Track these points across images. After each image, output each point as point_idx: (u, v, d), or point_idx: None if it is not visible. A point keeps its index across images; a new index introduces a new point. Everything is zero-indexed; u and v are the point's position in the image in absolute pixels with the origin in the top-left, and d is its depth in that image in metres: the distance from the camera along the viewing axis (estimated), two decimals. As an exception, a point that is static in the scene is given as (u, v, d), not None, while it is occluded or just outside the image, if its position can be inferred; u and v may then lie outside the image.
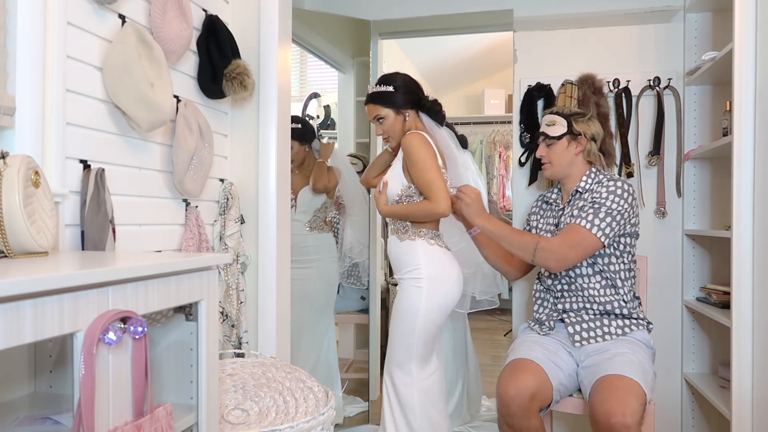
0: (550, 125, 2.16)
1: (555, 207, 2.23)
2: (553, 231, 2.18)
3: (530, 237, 2.08)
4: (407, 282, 2.15)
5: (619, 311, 2.04)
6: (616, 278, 2.07)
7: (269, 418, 1.56)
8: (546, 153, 2.17)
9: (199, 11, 2.00)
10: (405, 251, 2.15)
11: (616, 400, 1.68)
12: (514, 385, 1.82)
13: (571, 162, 2.15)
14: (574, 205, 2.11)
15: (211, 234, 2.09)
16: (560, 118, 2.15)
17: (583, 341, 2.01)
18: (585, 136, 2.13)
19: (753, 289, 2.02)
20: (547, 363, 1.93)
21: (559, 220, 2.17)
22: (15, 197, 1.08)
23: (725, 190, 2.65)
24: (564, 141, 2.13)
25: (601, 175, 2.15)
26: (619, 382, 1.75)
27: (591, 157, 2.15)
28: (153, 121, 1.62)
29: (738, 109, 2.03)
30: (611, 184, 2.05)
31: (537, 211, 2.33)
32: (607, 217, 1.99)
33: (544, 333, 2.10)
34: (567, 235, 2.01)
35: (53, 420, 1.11)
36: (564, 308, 2.11)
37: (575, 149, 2.14)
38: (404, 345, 2.13)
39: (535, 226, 2.29)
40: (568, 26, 2.85)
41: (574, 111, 2.18)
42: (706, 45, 2.69)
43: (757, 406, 2.01)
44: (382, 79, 2.24)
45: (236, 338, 2.08)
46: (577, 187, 2.14)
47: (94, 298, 0.91)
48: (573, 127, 2.13)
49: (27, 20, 1.31)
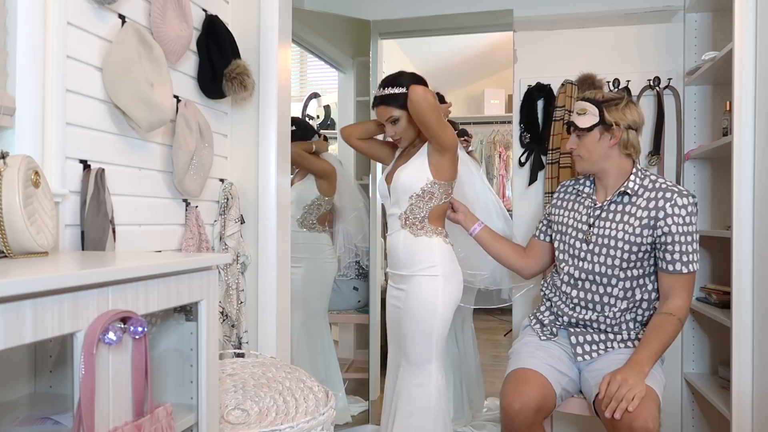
0: (581, 114, 1.92)
1: (588, 204, 1.97)
2: (585, 233, 1.94)
3: (668, 324, 1.81)
4: (421, 279, 2.11)
5: (626, 335, 1.93)
6: (638, 308, 1.92)
7: (269, 418, 1.56)
8: (576, 145, 1.94)
9: (199, 11, 1.99)
10: (420, 247, 2.13)
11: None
12: (519, 400, 1.75)
13: (605, 155, 1.91)
14: (625, 212, 1.88)
15: (211, 234, 2.09)
16: (591, 105, 1.90)
17: (585, 355, 1.92)
18: (620, 126, 1.87)
19: (753, 289, 2.02)
20: (550, 371, 1.86)
21: (595, 222, 1.93)
22: (15, 197, 1.08)
23: (725, 190, 2.65)
24: (596, 132, 1.89)
25: (653, 176, 1.91)
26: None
27: (629, 149, 1.90)
28: (153, 121, 1.62)
29: (738, 109, 2.03)
30: (681, 201, 1.82)
31: (562, 204, 2.06)
32: (695, 243, 1.84)
33: (545, 338, 1.99)
34: (687, 290, 1.84)
35: (53, 420, 1.11)
36: (571, 321, 1.97)
37: (609, 141, 1.89)
38: (424, 344, 2.09)
39: (561, 221, 2.03)
40: (568, 26, 2.85)
41: (607, 97, 1.91)
42: (706, 45, 2.69)
43: (757, 406, 2.01)
44: (391, 81, 2.18)
45: (236, 338, 2.08)
46: (626, 188, 1.89)
47: (94, 298, 0.91)
48: (605, 116, 1.88)
49: (27, 20, 1.31)
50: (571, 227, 1.99)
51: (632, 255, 1.87)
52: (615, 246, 1.88)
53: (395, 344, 2.26)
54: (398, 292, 2.21)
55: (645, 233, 1.85)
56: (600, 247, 1.90)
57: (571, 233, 1.99)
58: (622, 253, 1.87)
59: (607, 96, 1.92)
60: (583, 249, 1.94)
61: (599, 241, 1.90)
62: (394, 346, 2.28)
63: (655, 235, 1.84)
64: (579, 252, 1.95)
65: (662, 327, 1.80)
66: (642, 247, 1.86)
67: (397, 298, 2.21)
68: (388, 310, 2.28)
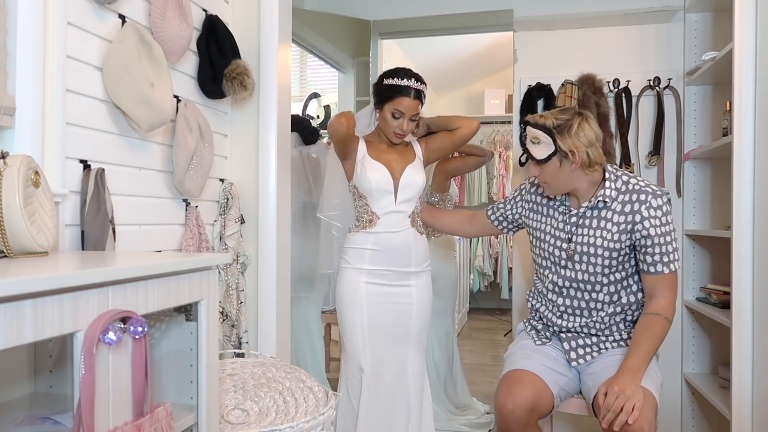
0: (535, 143, 1.81)
1: (563, 210, 1.93)
2: (565, 243, 1.90)
3: (656, 324, 1.79)
4: (426, 274, 2.27)
5: (618, 336, 1.92)
6: (627, 309, 1.91)
7: (269, 418, 1.56)
8: (539, 173, 1.85)
9: (199, 11, 2.00)
10: (425, 245, 2.27)
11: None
12: (512, 400, 1.75)
13: (570, 179, 1.83)
14: (602, 218, 1.85)
15: (211, 234, 2.09)
16: (543, 134, 1.79)
17: (579, 359, 1.92)
18: (577, 153, 1.77)
19: (753, 289, 2.02)
20: (546, 371, 1.85)
21: (573, 230, 1.89)
22: (15, 197, 1.08)
23: (725, 190, 2.65)
24: (555, 161, 1.79)
25: (625, 176, 1.86)
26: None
27: (593, 167, 1.80)
28: (153, 121, 1.62)
29: (738, 109, 2.03)
30: (656, 202, 1.80)
31: (536, 209, 2.01)
32: (674, 242, 1.82)
33: (540, 342, 1.98)
34: (670, 289, 1.83)
35: (53, 420, 1.11)
36: (561, 328, 1.96)
37: (570, 167, 1.79)
38: (427, 332, 2.31)
39: (539, 228, 1.98)
40: (568, 26, 2.85)
41: (556, 122, 1.79)
42: (706, 45, 2.69)
43: (757, 406, 2.01)
44: (417, 77, 2.16)
45: (236, 338, 2.08)
46: (603, 197, 1.84)
47: (94, 298, 0.91)
48: (560, 145, 1.77)
49: (27, 20, 1.31)
50: (550, 234, 1.95)
51: (613, 261, 1.86)
52: (595, 253, 1.86)
53: (397, 342, 2.19)
54: (403, 289, 2.19)
55: (623, 238, 1.83)
56: (581, 255, 1.89)
57: (550, 240, 1.95)
58: (603, 259, 1.86)
59: (557, 120, 1.79)
60: (563, 257, 1.93)
61: (579, 249, 1.88)
62: (394, 344, 2.20)
63: (633, 239, 1.83)
64: (560, 260, 1.93)
65: (650, 328, 1.79)
66: (622, 251, 1.85)
67: (402, 294, 2.19)
68: (386, 308, 2.18)
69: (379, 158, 2.20)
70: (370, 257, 2.16)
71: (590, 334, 1.94)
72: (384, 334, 2.18)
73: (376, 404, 2.16)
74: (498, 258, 5.22)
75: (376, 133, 2.27)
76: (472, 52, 4.34)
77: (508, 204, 2.15)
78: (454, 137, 2.28)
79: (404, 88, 2.13)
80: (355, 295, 2.17)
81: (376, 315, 2.17)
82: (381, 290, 2.18)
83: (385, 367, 2.18)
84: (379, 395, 2.17)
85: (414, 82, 2.14)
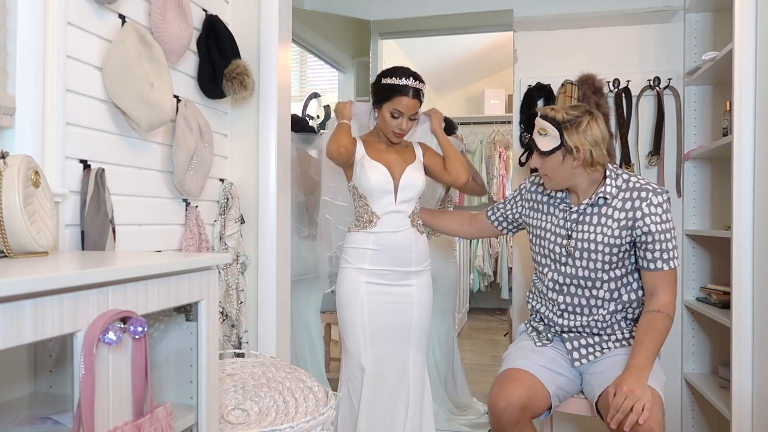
0: (542, 134, 1.85)
1: (563, 207, 1.94)
2: (566, 240, 1.91)
3: (658, 321, 1.79)
4: (426, 273, 2.26)
5: (620, 335, 1.92)
6: (627, 308, 1.91)
7: (269, 418, 1.56)
8: (540, 165, 1.88)
9: (199, 11, 2.00)
10: (426, 244, 2.27)
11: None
12: (504, 398, 1.77)
13: (571, 175, 1.84)
14: (602, 215, 1.86)
15: (211, 234, 2.09)
16: (551, 127, 1.82)
17: (582, 359, 1.91)
18: (581, 150, 1.79)
19: (753, 289, 2.02)
20: (542, 370, 1.85)
21: (573, 227, 1.90)
22: (15, 197, 1.08)
23: (725, 190, 2.65)
24: (558, 155, 1.82)
25: (625, 174, 1.88)
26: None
27: (595, 166, 1.82)
28: (153, 121, 1.62)
29: (738, 109, 2.03)
30: (656, 199, 1.81)
31: (537, 207, 2.02)
32: (674, 240, 1.83)
33: (541, 344, 1.97)
34: (671, 286, 1.83)
35: (53, 420, 1.11)
36: (563, 327, 1.96)
37: (573, 163, 1.82)
38: (429, 330, 2.31)
39: (539, 225, 1.99)
40: (568, 26, 2.85)
41: (567, 117, 1.82)
42: (706, 45, 2.69)
43: (757, 406, 2.01)
44: (415, 75, 2.15)
45: (236, 338, 2.08)
46: (604, 194, 1.85)
47: (94, 298, 0.91)
48: (566, 140, 1.80)
49: (27, 20, 1.31)
50: (550, 231, 1.96)
51: (613, 257, 1.87)
52: (596, 250, 1.87)
53: (398, 341, 2.19)
54: (404, 289, 2.19)
55: (624, 234, 1.84)
56: (581, 252, 1.89)
57: (551, 238, 1.95)
58: (603, 255, 1.87)
59: (567, 116, 1.82)
60: (563, 254, 1.93)
61: (579, 245, 1.88)
62: (395, 344, 2.19)
63: (634, 235, 1.84)
64: (560, 257, 1.94)
65: (653, 326, 1.79)
66: (622, 248, 1.86)
67: (404, 294, 2.19)
68: (386, 308, 2.18)
69: (379, 158, 2.18)
70: (371, 257, 2.16)
71: (592, 333, 1.94)
72: (385, 334, 2.17)
73: (377, 404, 2.16)
74: (498, 258, 5.22)
75: (374, 133, 2.26)
76: (472, 52, 4.33)
77: (508, 204, 2.15)
78: (444, 173, 2.27)
79: (403, 88, 2.11)
80: (356, 294, 2.16)
81: (377, 314, 2.16)
82: (381, 290, 2.17)
83: (386, 367, 2.17)
84: (380, 395, 2.16)
85: (412, 81, 2.12)
